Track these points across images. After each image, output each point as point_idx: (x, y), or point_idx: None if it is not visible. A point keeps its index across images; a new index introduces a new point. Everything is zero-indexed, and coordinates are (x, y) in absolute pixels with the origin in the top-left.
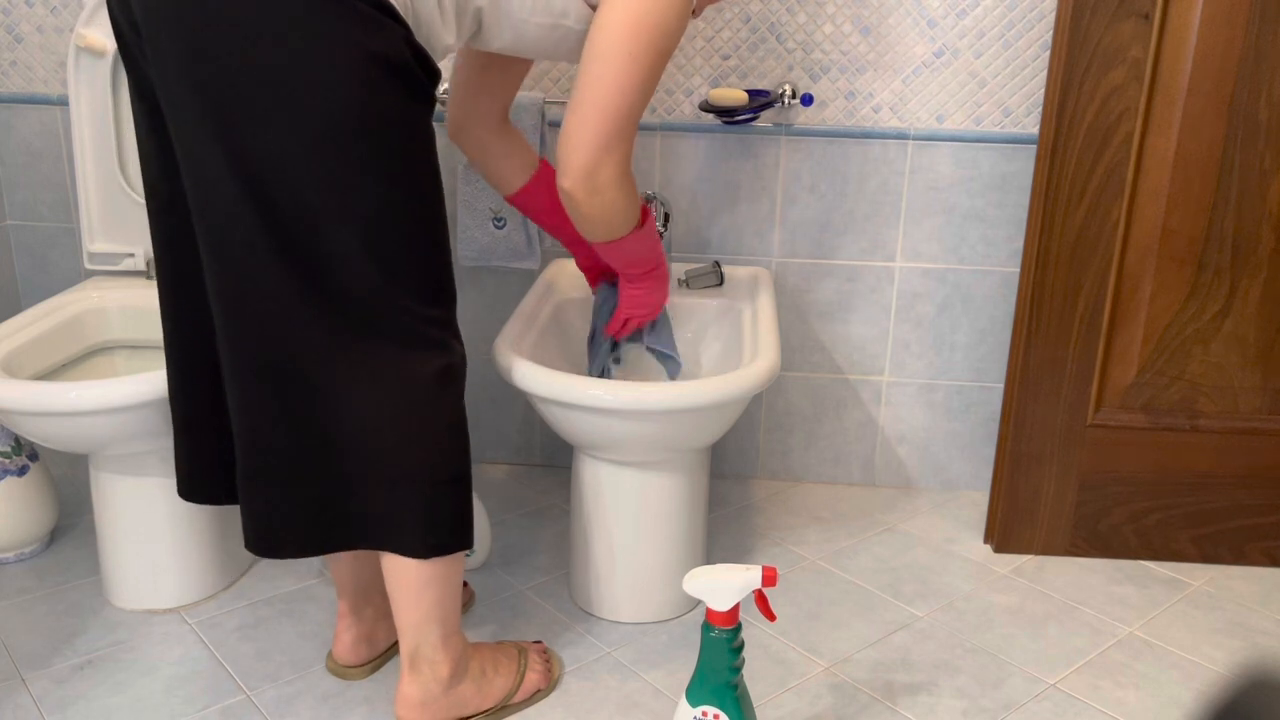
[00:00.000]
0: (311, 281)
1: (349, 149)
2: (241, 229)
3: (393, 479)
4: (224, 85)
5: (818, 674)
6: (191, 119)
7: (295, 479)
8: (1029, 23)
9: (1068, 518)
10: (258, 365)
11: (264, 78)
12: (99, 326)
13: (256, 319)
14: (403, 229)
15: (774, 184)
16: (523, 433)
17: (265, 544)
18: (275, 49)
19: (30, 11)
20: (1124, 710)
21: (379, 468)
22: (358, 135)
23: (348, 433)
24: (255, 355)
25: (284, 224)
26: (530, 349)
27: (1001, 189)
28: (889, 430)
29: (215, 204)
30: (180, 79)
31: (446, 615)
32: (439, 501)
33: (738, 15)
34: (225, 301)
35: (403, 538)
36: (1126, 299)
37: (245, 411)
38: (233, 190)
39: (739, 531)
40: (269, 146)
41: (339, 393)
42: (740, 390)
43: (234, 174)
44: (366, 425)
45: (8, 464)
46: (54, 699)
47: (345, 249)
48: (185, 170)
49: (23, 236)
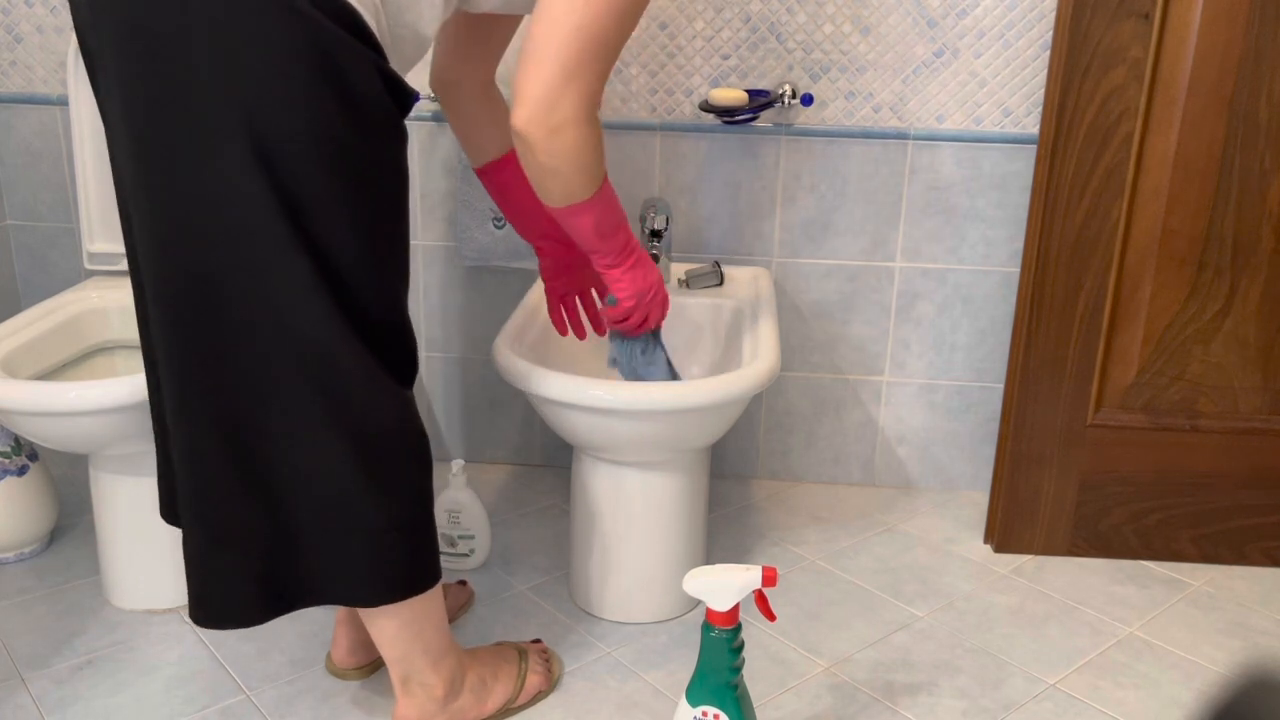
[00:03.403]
0: (264, 325)
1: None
2: (184, 266)
3: (344, 529)
4: (167, 115)
5: (818, 674)
6: (131, 147)
7: (244, 538)
8: (1029, 23)
9: (1068, 518)
10: (208, 414)
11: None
12: (99, 326)
13: (204, 366)
14: (367, 269)
15: (774, 184)
16: (523, 433)
17: (214, 615)
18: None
19: (30, 11)
20: (1124, 710)
21: (329, 519)
22: (322, 173)
23: (298, 483)
24: (204, 402)
25: (229, 267)
26: (530, 349)
27: (1001, 189)
28: (889, 430)
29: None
30: (123, 96)
31: (429, 643)
32: (392, 549)
33: (738, 15)
34: (169, 342)
35: (352, 590)
36: (1126, 299)
37: (191, 462)
38: (175, 229)
39: (739, 531)
40: (213, 184)
41: (288, 440)
42: (740, 390)
43: (169, 212)
44: (317, 474)
45: (8, 464)
46: (54, 699)
47: (301, 291)
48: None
49: (23, 236)
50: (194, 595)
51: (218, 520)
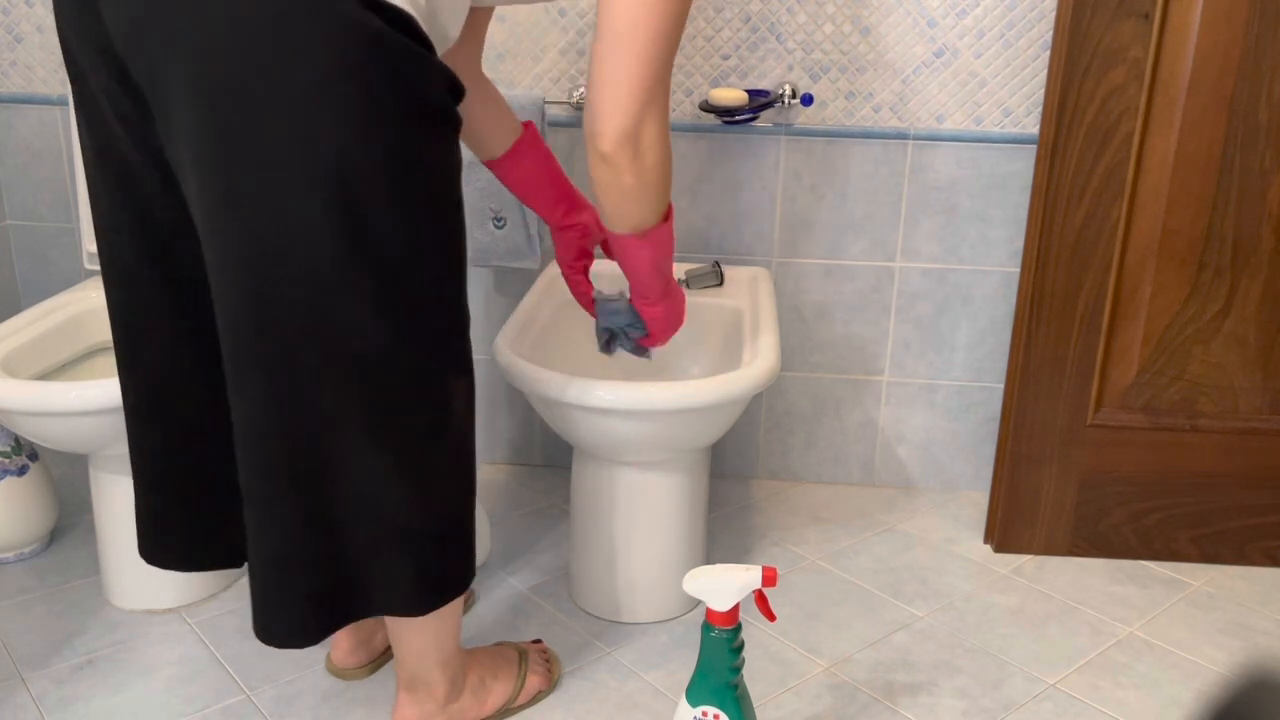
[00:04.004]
0: (328, 343)
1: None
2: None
3: (401, 543)
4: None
5: (818, 674)
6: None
7: (308, 561)
8: (1029, 23)
9: (1068, 518)
10: (279, 438)
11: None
12: (99, 326)
13: (281, 393)
14: (421, 279)
15: (774, 184)
16: (523, 433)
17: (278, 637)
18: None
19: (30, 11)
20: (1124, 710)
21: (388, 536)
22: (393, 189)
23: (361, 503)
24: (278, 425)
25: (294, 278)
26: (530, 349)
27: (1001, 189)
28: (889, 430)
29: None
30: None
31: (444, 646)
32: (440, 556)
33: (738, 15)
34: (248, 375)
35: (404, 600)
36: (1126, 299)
37: (260, 490)
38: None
39: (739, 531)
40: (294, 221)
41: (354, 458)
42: (740, 390)
43: (247, 251)
44: (379, 493)
45: (8, 464)
46: (54, 699)
47: (357, 309)
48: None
49: (23, 236)
50: (261, 620)
51: (284, 546)
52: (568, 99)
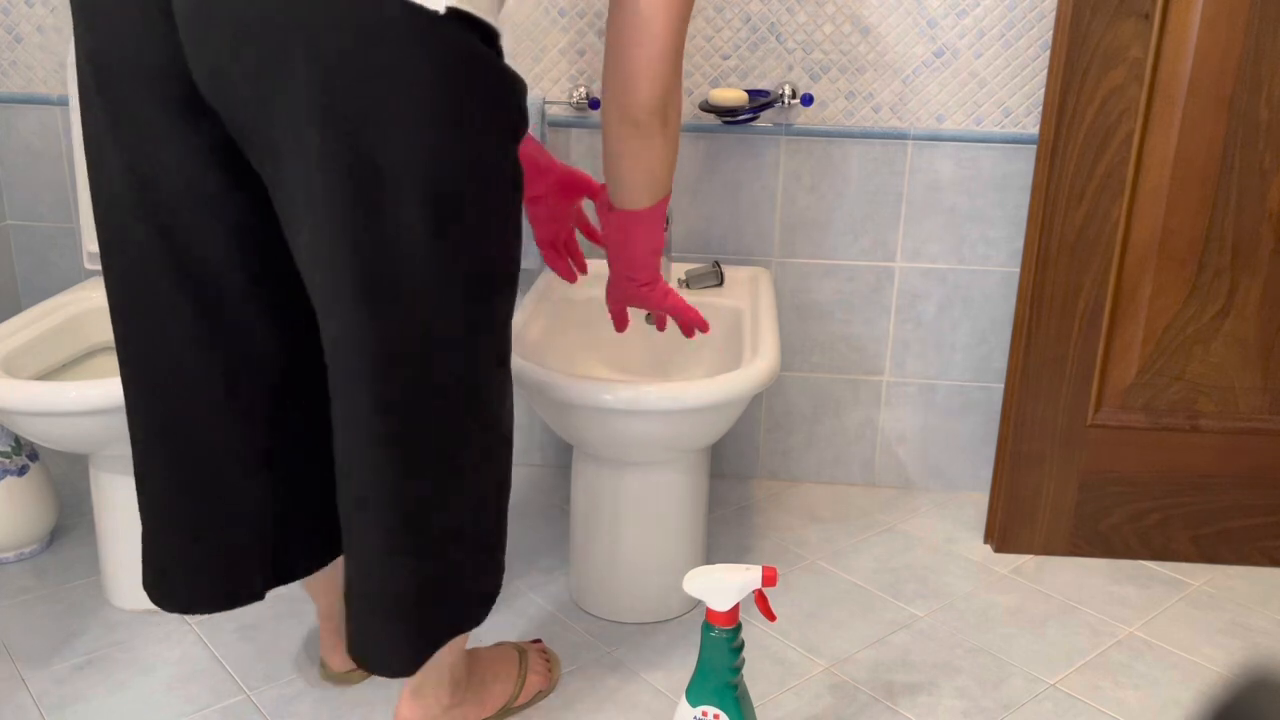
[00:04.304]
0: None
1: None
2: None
3: (477, 563)
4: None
5: (818, 674)
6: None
7: (405, 590)
8: (1029, 23)
9: (1068, 518)
10: (388, 462)
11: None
12: (99, 326)
13: (392, 410)
14: (490, 286)
15: (774, 184)
16: (523, 433)
17: (378, 667)
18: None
19: (30, 11)
20: (1124, 710)
21: (472, 559)
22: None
23: (452, 526)
24: (386, 453)
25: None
26: (530, 348)
27: (1001, 189)
28: (889, 430)
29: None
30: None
31: (454, 646)
32: (486, 567)
33: (738, 15)
34: (365, 399)
35: (473, 617)
36: (1126, 299)
37: (372, 524)
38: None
39: (739, 531)
40: (405, 242)
41: (452, 482)
42: (740, 390)
43: (362, 273)
44: (470, 518)
45: (8, 464)
46: (54, 699)
47: (450, 327)
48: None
49: (23, 236)
50: (356, 650)
51: (388, 580)
52: (568, 99)
